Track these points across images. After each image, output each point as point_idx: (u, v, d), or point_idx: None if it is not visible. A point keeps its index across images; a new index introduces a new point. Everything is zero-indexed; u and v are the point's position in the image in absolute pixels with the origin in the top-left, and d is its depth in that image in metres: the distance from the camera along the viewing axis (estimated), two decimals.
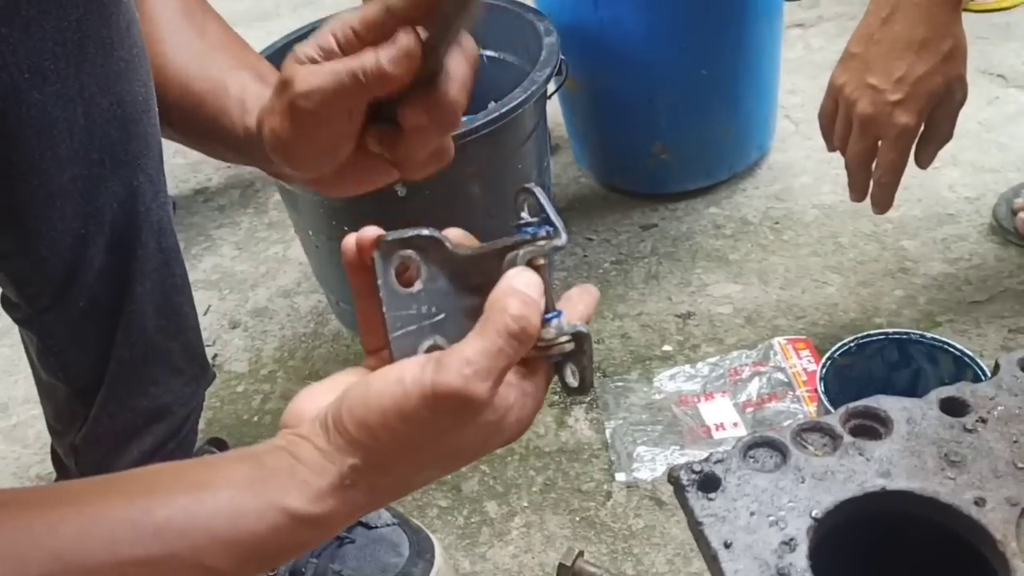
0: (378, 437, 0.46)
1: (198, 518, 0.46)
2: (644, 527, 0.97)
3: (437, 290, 0.50)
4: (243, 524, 0.46)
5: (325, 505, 0.46)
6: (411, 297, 0.50)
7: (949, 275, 1.22)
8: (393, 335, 0.49)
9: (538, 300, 0.47)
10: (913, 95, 0.93)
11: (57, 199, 0.71)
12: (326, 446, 0.47)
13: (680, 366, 1.15)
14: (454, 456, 0.49)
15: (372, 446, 0.46)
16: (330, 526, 0.48)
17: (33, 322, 0.80)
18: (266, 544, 0.47)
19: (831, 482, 0.55)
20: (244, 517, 0.46)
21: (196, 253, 1.50)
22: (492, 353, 0.45)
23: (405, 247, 0.50)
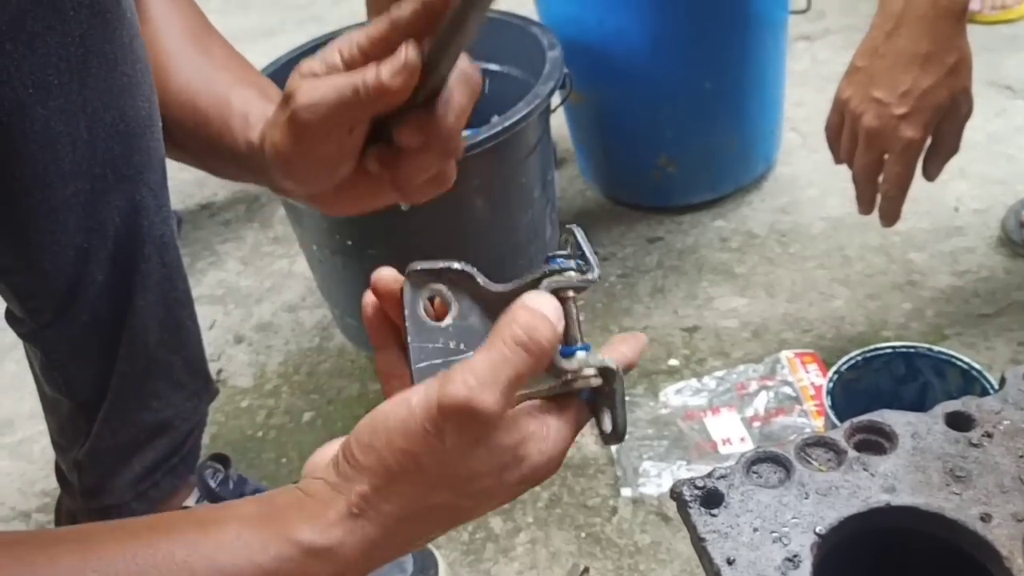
0: (383, 459, 0.44)
1: (203, 551, 0.45)
2: (650, 543, 0.96)
3: (466, 326, 0.49)
4: (249, 556, 0.45)
5: (332, 536, 0.45)
6: (438, 331, 0.48)
7: (957, 288, 1.22)
8: (416, 366, 0.48)
9: (549, 316, 0.45)
10: (918, 108, 0.93)
11: (60, 213, 0.71)
12: (334, 478, 0.46)
13: (686, 380, 1.14)
14: (467, 482, 0.46)
15: (378, 469, 0.45)
16: (340, 560, 0.46)
17: (36, 336, 0.80)
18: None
19: (835, 498, 0.54)
20: (250, 549, 0.45)
21: (201, 268, 1.50)
22: (497, 362, 0.43)
23: (436, 280, 0.48)
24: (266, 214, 1.62)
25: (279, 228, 1.58)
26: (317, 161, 0.56)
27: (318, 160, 0.55)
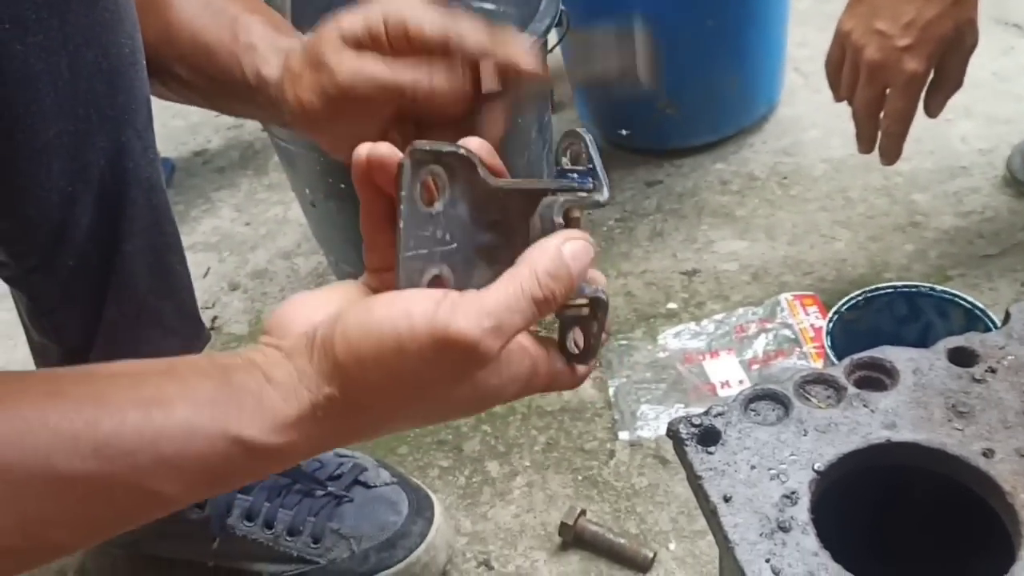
0: (366, 369, 0.42)
1: (145, 437, 0.42)
2: (647, 486, 0.96)
3: (455, 216, 0.46)
4: (192, 448, 0.43)
5: (286, 437, 0.43)
6: (430, 218, 0.45)
7: (961, 229, 1.20)
8: (405, 254, 0.44)
9: (577, 275, 0.44)
10: (922, 40, 0.90)
11: (43, 155, 0.69)
12: (307, 368, 0.43)
13: (685, 324, 1.13)
14: (442, 409, 0.46)
15: (357, 378, 0.42)
16: (289, 458, 0.45)
17: (22, 281, 0.78)
18: (217, 471, 0.44)
19: (834, 434, 0.53)
20: (196, 441, 0.43)
21: (195, 215, 1.48)
22: (512, 308, 0.42)
23: (437, 162, 0.45)
24: (260, 161, 1.60)
25: (273, 175, 1.55)
26: (343, 130, 0.55)
27: (345, 129, 0.54)
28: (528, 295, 0.43)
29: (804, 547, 0.48)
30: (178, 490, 0.44)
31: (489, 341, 0.41)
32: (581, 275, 0.45)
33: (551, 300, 0.43)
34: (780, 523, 0.49)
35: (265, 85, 0.64)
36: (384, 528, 0.87)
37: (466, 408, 0.47)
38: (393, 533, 0.87)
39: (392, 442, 1.04)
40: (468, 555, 0.93)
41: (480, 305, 0.41)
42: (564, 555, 0.91)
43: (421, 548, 0.87)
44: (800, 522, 0.49)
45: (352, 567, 0.86)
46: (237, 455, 0.43)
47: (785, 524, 0.49)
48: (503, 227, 0.48)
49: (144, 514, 0.46)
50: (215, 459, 0.43)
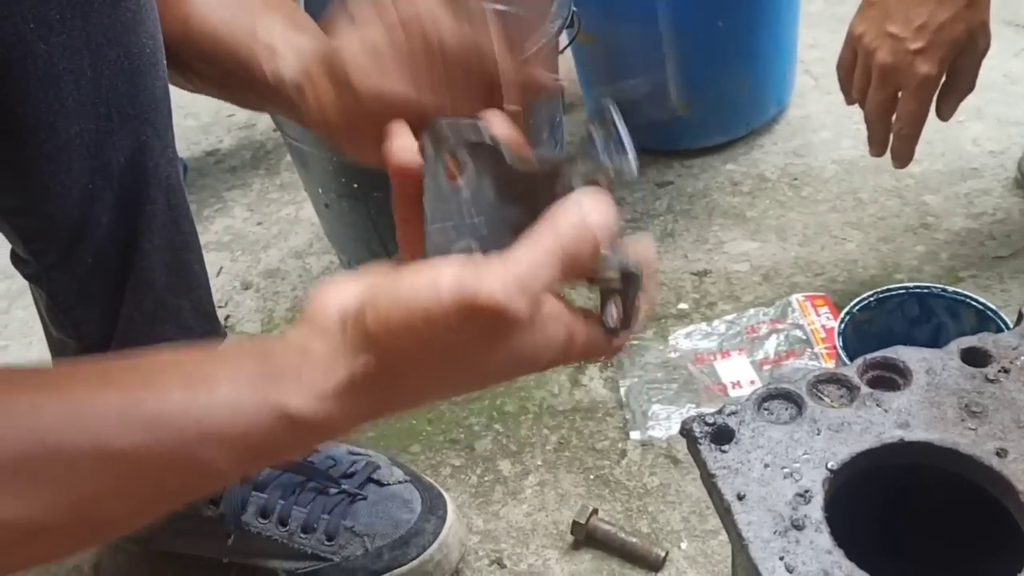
0: (398, 337, 0.42)
1: (191, 412, 0.43)
2: (659, 485, 0.96)
3: (480, 192, 0.47)
4: (238, 422, 0.44)
5: (327, 407, 0.44)
6: (454, 194, 0.46)
7: (972, 230, 1.20)
8: (430, 227, 0.45)
9: (598, 227, 0.44)
10: (934, 43, 0.91)
11: (64, 154, 0.70)
12: (341, 342, 0.44)
13: (696, 324, 1.13)
14: (478, 375, 0.46)
15: (389, 346, 0.43)
16: (332, 429, 0.45)
17: (42, 278, 0.79)
18: (262, 444, 0.45)
19: (848, 433, 0.54)
20: (240, 415, 0.44)
21: (208, 215, 1.49)
22: (537, 268, 0.42)
23: (459, 142, 0.46)
24: (272, 160, 1.61)
25: (285, 175, 1.56)
26: (363, 137, 0.54)
27: (365, 136, 0.54)
28: (552, 253, 0.43)
29: (818, 545, 0.48)
30: (225, 464, 0.45)
31: (517, 302, 0.41)
32: (604, 230, 0.44)
33: (576, 257, 0.43)
34: (794, 521, 0.50)
35: (283, 85, 0.64)
36: (397, 526, 0.88)
37: (502, 373, 0.47)
38: (406, 531, 0.87)
39: (405, 440, 1.05)
40: (480, 553, 0.93)
41: (505, 268, 0.42)
42: (576, 554, 0.91)
43: (434, 546, 0.87)
44: (813, 520, 0.49)
45: (365, 564, 0.87)
46: (281, 427, 0.44)
47: (799, 522, 0.49)
48: (530, 201, 0.48)
49: (193, 488, 0.47)
50: (260, 432, 0.44)
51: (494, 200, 0.48)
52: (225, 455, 0.44)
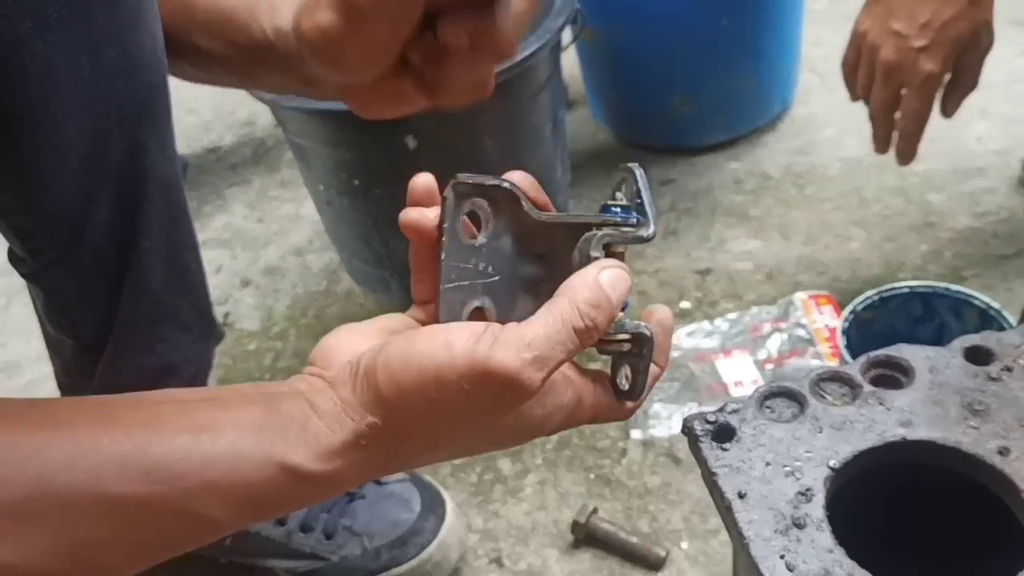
0: (407, 400, 0.42)
1: (194, 462, 0.43)
2: (660, 484, 0.95)
3: (498, 249, 0.47)
4: (241, 474, 0.44)
5: (331, 465, 0.44)
6: (472, 250, 0.46)
7: (976, 229, 1.19)
8: (445, 286, 0.45)
9: (616, 302, 0.44)
10: (938, 41, 0.90)
11: (62, 152, 0.70)
12: (350, 398, 0.44)
13: (698, 323, 1.12)
14: (484, 439, 0.46)
15: (399, 408, 0.43)
16: (334, 486, 0.45)
17: (39, 277, 0.79)
18: (263, 497, 0.44)
19: (850, 432, 0.53)
20: (243, 466, 0.44)
21: (208, 212, 1.49)
22: (553, 340, 0.42)
23: (480, 195, 0.46)
24: (273, 158, 1.61)
25: (286, 172, 1.56)
26: (363, 45, 0.51)
27: (364, 44, 0.50)
28: (569, 325, 0.42)
29: (819, 544, 0.48)
30: (225, 515, 0.44)
31: (530, 373, 0.41)
32: (620, 302, 0.44)
33: (592, 329, 0.43)
34: (795, 520, 0.49)
35: (283, 38, 0.63)
36: (396, 525, 0.87)
37: (509, 439, 0.46)
38: (405, 530, 0.87)
39: None
40: (480, 552, 0.92)
41: (520, 337, 0.41)
42: (576, 553, 0.91)
43: (433, 545, 0.87)
44: (815, 519, 0.49)
45: (364, 564, 0.86)
46: (283, 481, 0.44)
47: (800, 521, 0.49)
48: (547, 260, 0.48)
49: (192, 539, 0.46)
50: (261, 485, 0.44)
51: (512, 257, 0.47)
52: (226, 506, 0.44)
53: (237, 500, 0.44)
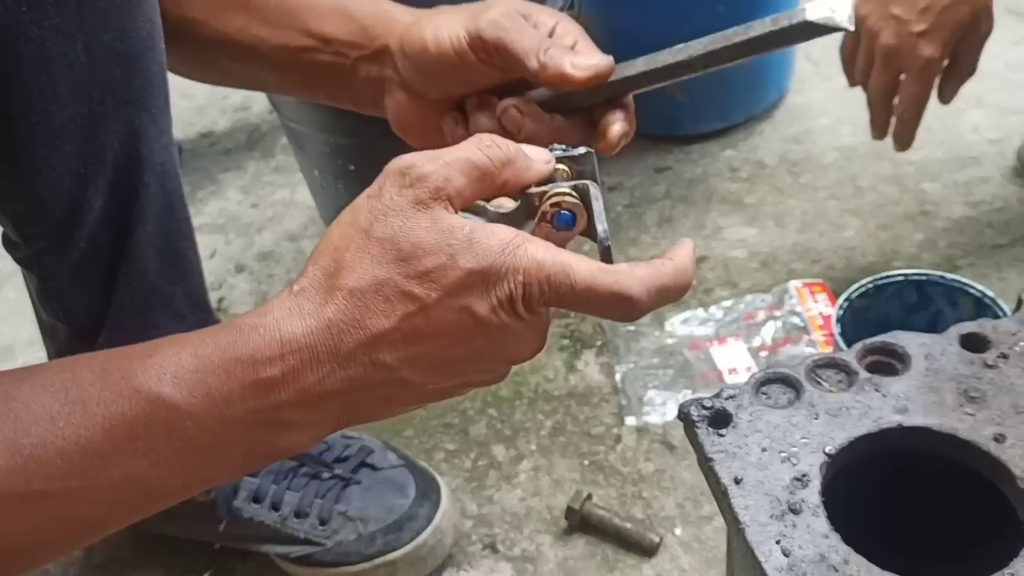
0: (329, 240, 0.48)
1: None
2: (654, 471, 0.96)
3: None
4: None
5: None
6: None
7: (971, 218, 1.19)
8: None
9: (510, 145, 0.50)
10: (938, 25, 0.90)
11: (57, 138, 0.69)
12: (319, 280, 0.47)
13: (693, 310, 1.13)
14: (409, 247, 0.46)
15: (323, 251, 0.48)
16: (288, 381, 0.45)
17: (33, 262, 0.78)
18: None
19: (846, 418, 0.53)
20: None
21: (202, 197, 1.48)
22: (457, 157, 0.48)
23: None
24: (267, 143, 1.60)
25: (280, 157, 1.55)
26: (441, 81, 0.63)
27: (442, 81, 0.63)
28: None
29: (814, 529, 0.48)
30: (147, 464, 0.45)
31: (424, 162, 0.47)
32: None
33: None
34: (791, 505, 0.49)
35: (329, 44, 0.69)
36: (391, 510, 0.87)
37: (441, 247, 0.46)
38: (400, 516, 0.87)
39: (398, 425, 1.04)
40: (474, 538, 0.93)
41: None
42: (570, 539, 0.91)
43: (427, 531, 0.87)
44: (811, 504, 0.49)
45: (359, 549, 0.86)
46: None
47: (796, 506, 0.49)
48: None
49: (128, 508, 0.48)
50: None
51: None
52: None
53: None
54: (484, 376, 0.50)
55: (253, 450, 0.47)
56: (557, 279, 0.46)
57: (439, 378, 0.48)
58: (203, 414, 0.44)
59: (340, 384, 0.45)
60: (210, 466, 0.47)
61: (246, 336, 0.45)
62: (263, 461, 0.48)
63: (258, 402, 0.45)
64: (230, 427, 0.45)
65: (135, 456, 0.44)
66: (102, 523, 0.48)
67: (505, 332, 0.47)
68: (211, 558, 0.94)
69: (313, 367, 0.45)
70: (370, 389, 0.46)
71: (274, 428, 0.46)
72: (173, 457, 0.45)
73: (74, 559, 0.97)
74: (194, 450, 0.45)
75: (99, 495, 0.45)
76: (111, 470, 0.44)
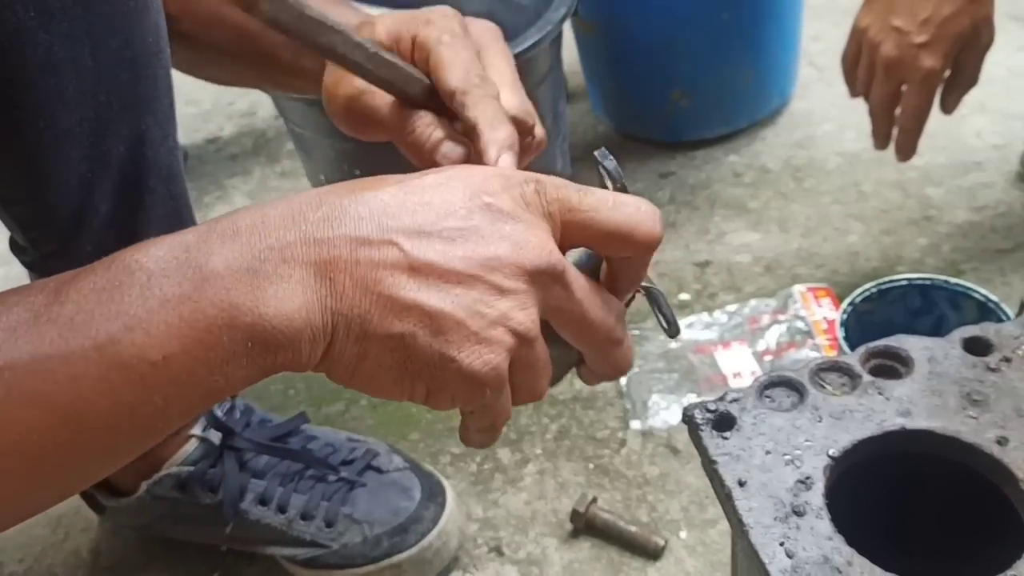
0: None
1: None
2: (659, 475, 0.96)
3: None
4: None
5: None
6: None
7: (974, 223, 1.20)
8: None
9: None
10: (939, 37, 0.90)
11: (64, 143, 0.70)
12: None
13: (697, 315, 1.13)
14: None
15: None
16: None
17: (40, 266, 0.79)
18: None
19: (849, 421, 0.54)
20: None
21: (208, 203, 1.49)
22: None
23: None
24: (272, 148, 1.61)
25: (286, 163, 1.56)
26: (378, 128, 0.59)
27: (379, 128, 0.59)
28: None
29: (818, 531, 0.48)
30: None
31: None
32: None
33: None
34: (795, 507, 0.49)
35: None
36: (396, 513, 0.88)
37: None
38: (405, 518, 0.87)
39: (404, 428, 1.05)
40: (479, 541, 0.93)
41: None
42: (575, 542, 0.91)
43: (433, 533, 0.87)
44: (814, 507, 0.49)
45: (364, 551, 0.87)
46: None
47: (799, 509, 0.49)
48: None
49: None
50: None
51: None
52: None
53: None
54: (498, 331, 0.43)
55: (234, 319, 0.40)
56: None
57: (445, 258, 0.42)
58: (178, 266, 0.40)
59: (323, 234, 0.41)
60: (189, 332, 0.40)
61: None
62: (249, 342, 0.40)
63: (240, 251, 0.41)
64: (208, 282, 0.40)
65: (108, 320, 0.39)
66: (75, 419, 0.40)
67: (510, 219, 0.43)
68: (217, 561, 0.94)
69: (288, 223, 0.41)
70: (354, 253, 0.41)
71: (255, 278, 0.40)
72: (147, 319, 0.39)
73: (81, 562, 0.98)
74: (172, 312, 0.39)
75: (71, 368, 0.39)
76: (81, 338, 0.39)
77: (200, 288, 0.40)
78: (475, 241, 0.42)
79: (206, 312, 0.40)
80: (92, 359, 0.39)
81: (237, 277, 0.40)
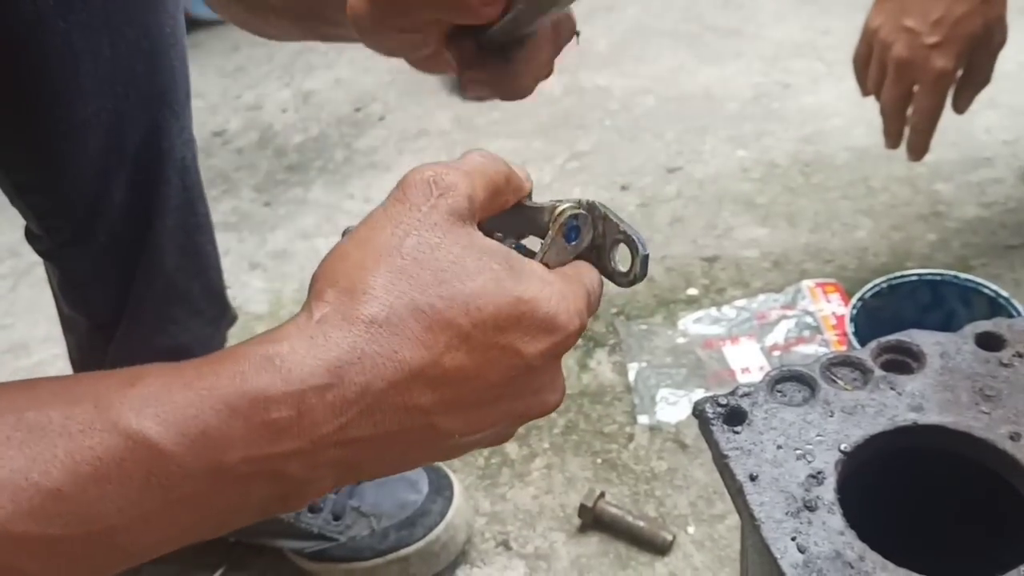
0: (332, 264, 0.40)
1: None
2: (667, 469, 0.96)
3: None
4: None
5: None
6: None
7: (983, 219, 1.19)
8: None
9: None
10: (951, 38, 0.90)
11: (81, 132, 0.70)
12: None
13: (705, 310, 1.13)
14: (424, 246, 0.40)
15: (327, 277, 0.40)
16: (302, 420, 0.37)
17: (55, 255, 0.79)
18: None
19: (861, 416, 0.53)
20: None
21: (215, 195, 1.49)
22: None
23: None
24: (279, 141, 1.61)
25: (293, 156, 1.56)
26: (395, 37, 0.53)
27: (396, 36, 0.53)
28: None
29: (830, 526, 0.48)
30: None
31: (447, 172, 0.41)
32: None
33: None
34: (806, 502, 0.49)
35: None
36: (404, 506, 0.88)
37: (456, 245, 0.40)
38: (413, 512, 0.87)
39: None
40: (487, 535, 0.93)
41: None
42: (583, 537, 0.91)
43: (440, 527, 0.87)
44: (826, 501, 0.49)
45: (372, 544, 0.87)
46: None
47: (811, 503, 0.49)
48: None
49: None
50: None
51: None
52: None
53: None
54: (502, 430, 0.43)
55: (244, 505, 0.38)
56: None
57: (470, 426, 0.40)
58: (193, 459, 0.35)
59: (362, 432, 0.37)
60: (190, 521, 0.38)
61: (256, 367, 0.36)
62: (249, 518, 0.39)
63: (263, 448, 0.36)
64: (223, 476, 0.36)
65: (101, 501, 0.35)
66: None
67: (542, 375, 0.42)
68: (225, 553, 0.94)
69: (336, 410, 0.37)
70: (394, 439, 0.39)
71: (274, 481, 0.37)
72: (149, 508, 0.36)
73: None
74: (175, 501, 0.36)
75: (50, 547, 0.35)
76: (67, 515, 0.34)
77: (213, 484, 0.37)
78: (508, 406, 0.42)
79: (214, 504, 0.38)
80: (76, 540, 0.36)
81: (257, 480, 0.37)
